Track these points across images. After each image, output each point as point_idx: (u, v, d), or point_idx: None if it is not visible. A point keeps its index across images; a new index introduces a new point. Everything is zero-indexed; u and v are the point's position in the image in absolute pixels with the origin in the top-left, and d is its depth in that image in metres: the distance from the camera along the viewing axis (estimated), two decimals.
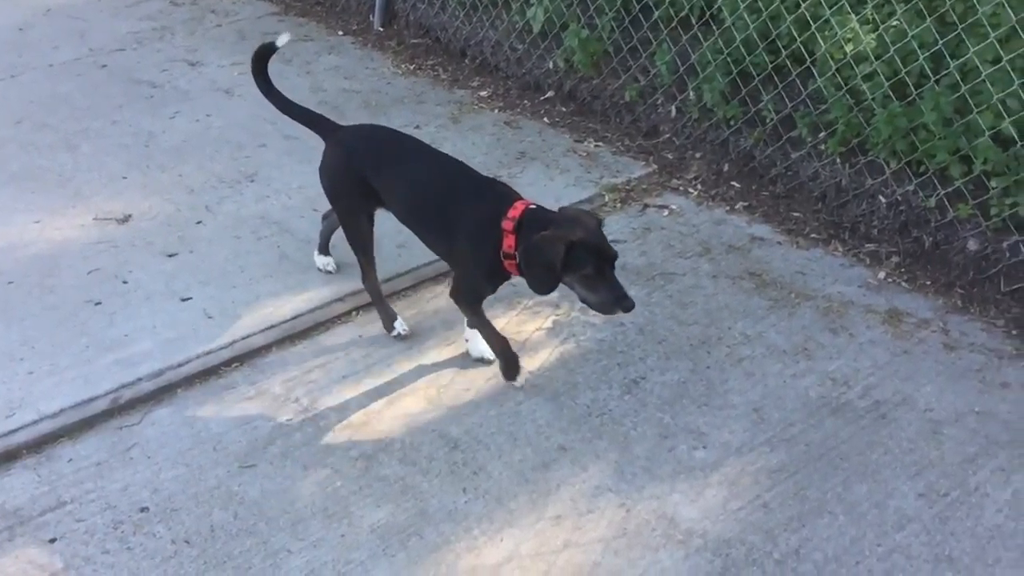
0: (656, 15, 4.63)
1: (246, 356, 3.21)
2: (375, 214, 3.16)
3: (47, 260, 3.67)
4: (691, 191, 4.24)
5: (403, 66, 5.51)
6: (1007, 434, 2.92)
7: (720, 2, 4.40)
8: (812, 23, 3.99)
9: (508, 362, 3.05)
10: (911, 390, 3.09)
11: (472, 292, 2.99)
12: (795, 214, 4.05)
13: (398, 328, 3.28)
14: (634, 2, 4.73)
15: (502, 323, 3.19)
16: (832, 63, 3.95)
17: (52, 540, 2.54)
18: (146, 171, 4.33)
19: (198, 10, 6.25)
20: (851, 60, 3.89)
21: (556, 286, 2.71)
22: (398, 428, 2.93)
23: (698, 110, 4.50)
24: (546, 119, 4.89)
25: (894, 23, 3.79)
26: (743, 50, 4.25)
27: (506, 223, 2.73)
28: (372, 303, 3.34)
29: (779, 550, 2.54)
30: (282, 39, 3.26)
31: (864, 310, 3.46)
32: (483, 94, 5.17)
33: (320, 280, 3.57)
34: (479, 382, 3.11)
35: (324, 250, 3.60)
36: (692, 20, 4.51)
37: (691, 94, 4.51)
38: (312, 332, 3.34)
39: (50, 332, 3.28)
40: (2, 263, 3.64)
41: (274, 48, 3.27)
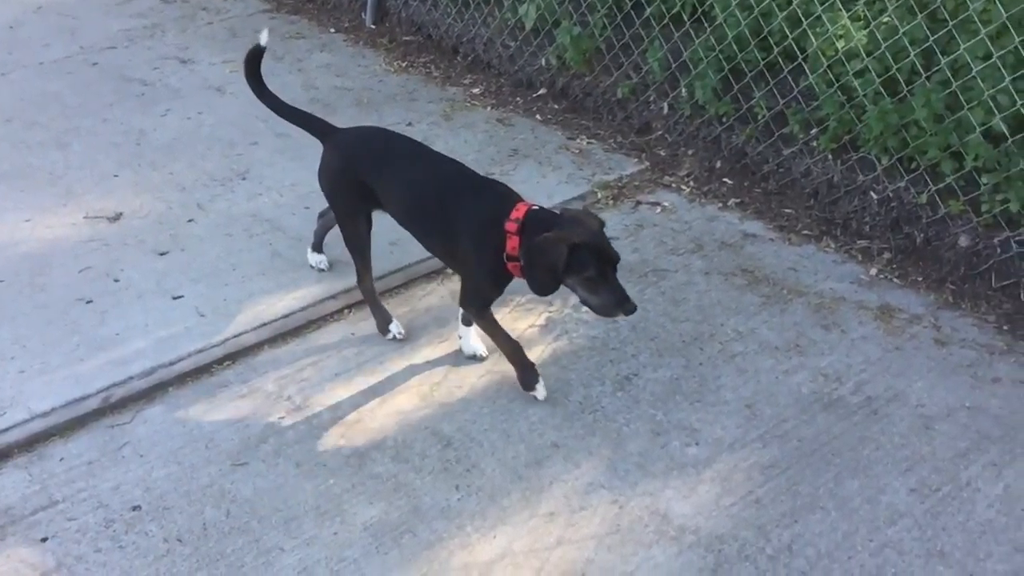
0: (648, 12, 4.62)
1: (238, 354, 3.20)
2: (373, 216, 3.14)
3: (38, 259, 3.65)
4: (683, 188, 4.24)
5: (395, 63, 5.50)
6: (998, 429, 2.93)
7: None
8: (803, 20, 3.99)
9: (525, 370, 2.98)
10: (903, 386, 3.10)
11: (479, 296, 2.94)
12: (787, 211, 4.06)
13: (393, 331, 3.27)
14: None
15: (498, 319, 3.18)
16: (824, 60, 3.96)
17: (44, 539, 2.53)
18: (137, 169, 4.32)
19: (189, 8, 6.22)
20: (842, 57, 3.89)
21: (557, 288, 2.69)
22: (391, 426, 2.92)
23: (690, 107, 4.50)
24: (538, 116, 4.89)
25: (885, 20, 3.80)
26: (735, 47, 4.26)
27: (509, 224, 2.71)
28: (366, 304, 3.33)
29: (772, 546, 2.54)
30: (263, 37, 3.22)
31: (856, 306, 3.47)
32: (475, 91, 5.17)
33: (312, 278, 3.56)
34: (471, 379, 3.11)
35: (318, 248, 3.59)
36: (684, 17, 4.52)
37: (683, 91, 4.51)
38: (304, 330, 3.33)
39: (41, 331, 3.27)
40: None
41: (261, 49, 3.23)
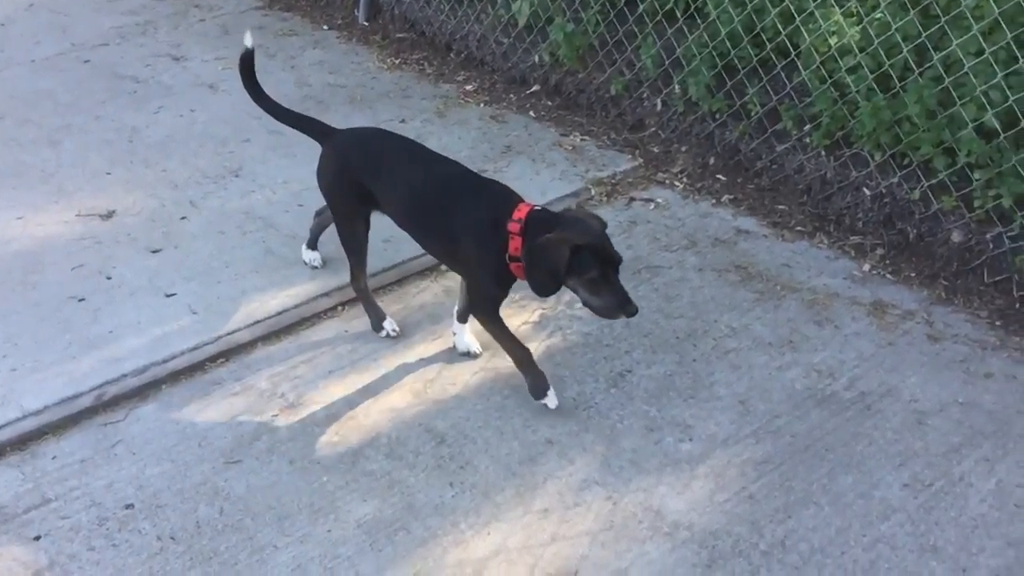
0: (641, 8, 4.62)
1: (231, 352, 3.19)
2: (371, 218, 3.12)
3: (30, 256, 3.64)
4: (677, 184, 4.25)
5: (388, 60, 5.49)
6: (991, 424, 2.93)
7: None
8: (796, 16, 3.99)
9: (535, 379, 2.94)
10: (896, 381, 3.11)
11: (486, 300, 2.91)
12: (780, 207, 4.06)
13: (387, 329, 3.26)
14: None
15: None
16: (816, 56, 3.96)
17: (36, 538, 2.53)
18: (130, 166, 4.30)
19: (181, 4, 6.21)
20: (835, 53, 3.89)
21: (559, 289, 2.68)
22: (384, 423, 2.92)
23: (683, 103, 4.50)
24: (532, 113, 4.89)
25: (878, 16, 3.80)
26: (728, 43, 4.26)
27: (512, 225, 2.69)
28: (360, 302, 3.33)
29: (765, 541, 2.55)
30: (247, 39, 3.19)
31: (849, 302, 3.48)
32: (469, 88, 5.16)
33: (306, 275, 3.56)
34: (465, 376, 3.11)
35: (313, 245, 3.59)
36: (677, 13, 4.51)
37: (676, 87, 4.51)
38: (298, 327, 3.33)
39: (33, 329, 3.26)
40: None
41: (250, 52, 3.19)
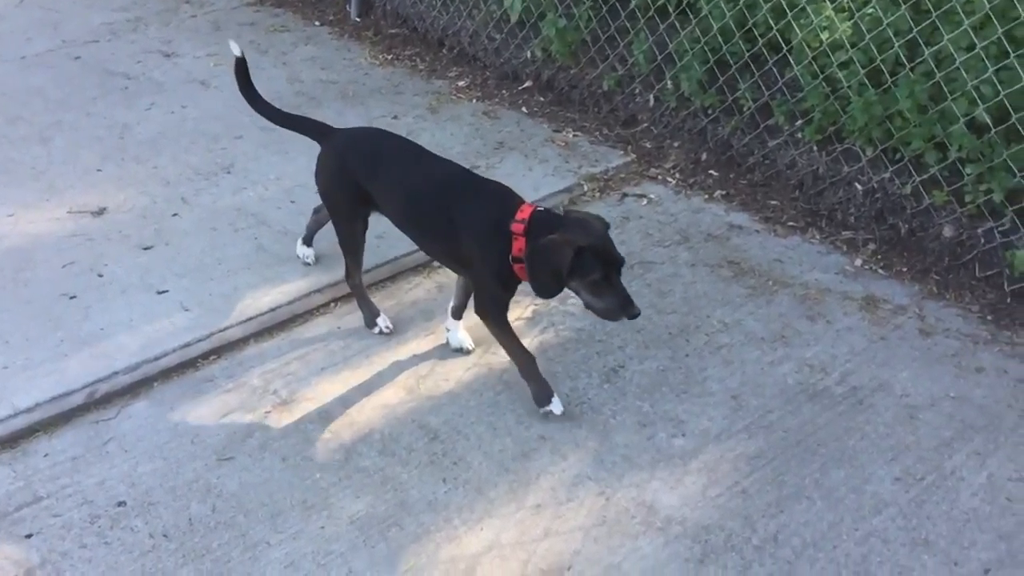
0: (633, 4, 4.62)
1: (224, 349, 3.19)
2: (370, 218, 3.11)
3: (21, 254, 3.63)
4: (669, 180, 4.25)
5: (380, 56, 5.48)
6: (982, 418, 2.94)
7: None
8: (788, 11, 3.99)
9: (539, 385, 2.92)
10: (888, 376, 3.11)
11: (493, 303, 2.89)
12: (772, 202, 4.07)
13: (381, 325, 3.26)
14: None
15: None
16: (808, 51, 3.96)
17: (28, 536, 2.52)
18: (121, 163, 4.29)
19: (172, 1, 6.20)
20: (827, 48, 3.90)
21: (561, 291, 2.66)
22: (377, 419, 2.92)
23: (676, 99, 4.50)
24: (524, 109, 4.89)
25: (869, 11, 3.80)
26: (720, 39, 4.26)
27: (515, 226, 2.67)
28: (354, 298, 3.32)
29: (758, 536, 2.55)
30: (235, 48, 3.17)
31: (841, 297, 3.48)
32: (461, 84, 5.16)
33: (298, 272, 3.55)
34: (458, 373, 3.11)
35: (308, 242, 3.58)
36: (669, 9, 4.51)
37: (669, 83, 4.51)
38: (290, 324, 3.32)
39: (24, 326, 3.25)
40: None
41: (241, 60, 3.17)
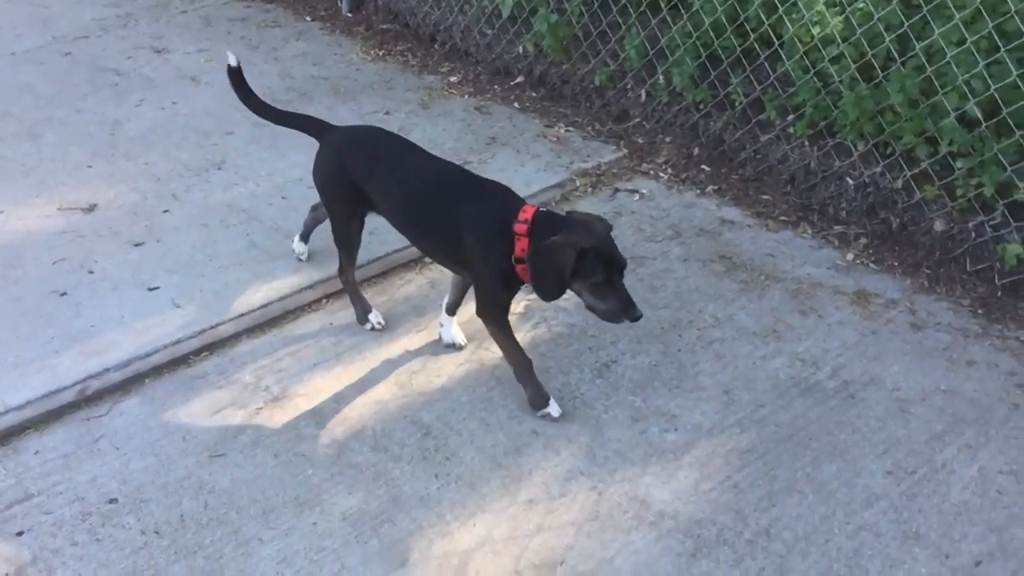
0: None
1: (215, 345, 3.18)
2: (367, 218, 3.09)
3: (11, 251, 3.61)
4: (661, 175, 4.25)
5: (372, 52, 5.47)
6: (973, 412, 2.95)
7: None
8: (780, 6, 4.00)
9: (535, 390, 2.91)
10: (879, 370, 3.12)
11: (494, 303, 2.87)
12: (764, 197, 4.07)
13: (372, 321, 3.26)
14: None
15: (471, 307, 3.17)
16: (800, 46, 3.96)
17: (19, 533, 2.51)
18: (112, 160, 4.27)
19: None
20: (818, 43, 3.90)
21: (564, 293, 2.64)
22: (369, 415, 2.92)
23: (668, 94, 4.50)
24: (516, 104, 4.88)
25: (860, 5, 3.81)
26: (712, 33, 4.26)
27: (518, 226, 2.65)
28: (346, 294, 3.32)
29: (750, 530, 2.56)
30: (231, 59, 3.15)
31: (833, 291, 3.49)
32: (453, 80, 5.15)
33: (290, 268, 3.54)
34: (450, 368, 3.11)
35: (305, 239, 3.55)
36: (661, 4, 4.51)
37: (660, 78, 4.51)
38: (282, 320, 3.31)
39: (15, 323, 3.23)
40: None
41: (236, 69, 3.16)
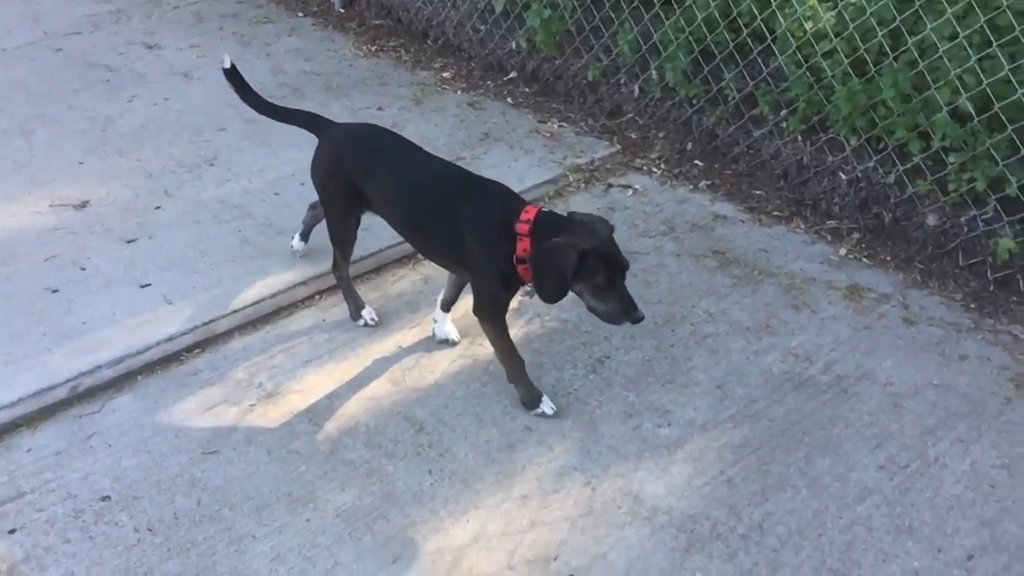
0: None
1: (208, 342, 3.17)
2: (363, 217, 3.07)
3: (3, 248, 3.60)
4: (654, 170, 4.25)
5: (364, 47, 5.46)
6: (966, 406, 2.96)
7: None
8: (772, 1, 3.99)
9: (527, 389, 2.91)
10: (872, 364, 3.13)
11: (494, 304, 2.85)
12: (757, 192, 4.07)
13: (366, 317, 3.25)
14: None
15: (465, 305, 3.17)
16: (792, 41, 3.96)
17: (12, 531, 2.50)
18: (103, 156, 4.26)
19: None
20: (811, 38, 3.90)
21: (566, 295, 2.62)
22: (363, 411, 2.91)
23: (661, 89, 4.50)
24: (509, 100, 4.88)
25: (853, 0, 3.81)
26: (704, 29, 4.26)
27: (520, 226, 2.64)
28: (339, 290, 3.31)
29: (743, 524, 2.56)
30: (226, 62, 3.13)
31: (826, 286, 3.49)
32: (446, 75, 5.14)
33: (283, 264, 3.54)
34: (444, 364, 3.11)
35: (305, 238, 3.53)
36: None
37: (653, 73, 4.51)
38: (275, 317, 3.31)
39: (6, 321, 3.22)
40: None
41: (232, 70, 3.13)
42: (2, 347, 3.11)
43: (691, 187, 4.12)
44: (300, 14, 5.93)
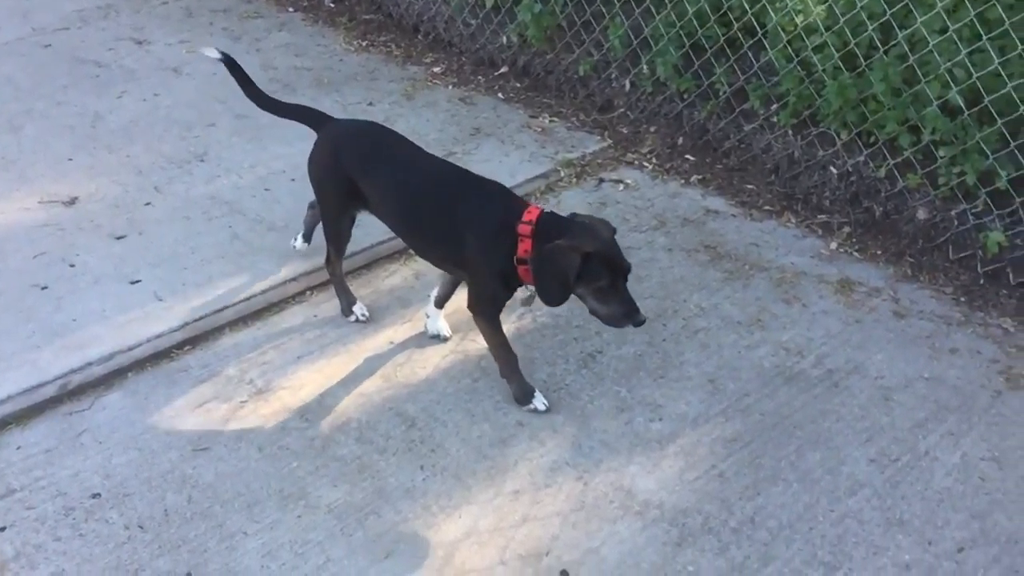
0: None
1: (198, 338, 3.16)
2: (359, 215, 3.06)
3: None
4: (646, 165, 4.25)
5: (355, 42, 5.44)
6: (956, 399, 2.97)
7: None
8: None
9: (520, 385, 2.91)
10: (863, 358, 3.13)
11: (490, 302, 2.84)
12: (748, 186, 4.08)
13: (357, 313, 3.25)
14: None
15: (457, 299, 3.17)
16: (783, 35, 3.97)
17: (2, 529, 2.49)
18: (93, 152, 4.24)
19: None
20: (802, 32, 3.90)
21: (568, 297, 2.62)
22: (354, 407, 2.91)
23: (652, 84, 4.50)
24: (500, 95, 4.87)
25: None
26: (695, 23, 4.25)
27: (523, 227, 2.63)
28: (330, 285, 3.31)
29: (735, 518, 2.57)
30: (214, 53, 3.12)
31: (817, 280, 3.50)
32: (437, 70, 5.13)
33: (273, 260, 3.52)
34: (435, 360, 3.10)
35: (308, 239, 3.49)
36: None
37: (644, 68, 4.51)
38: (266, 313, 3.30)
39: None
40: None
41: (232, 63, 3.11)
42: None
43: (682, 181, 4.12)
44: (290, 9, 5.91)
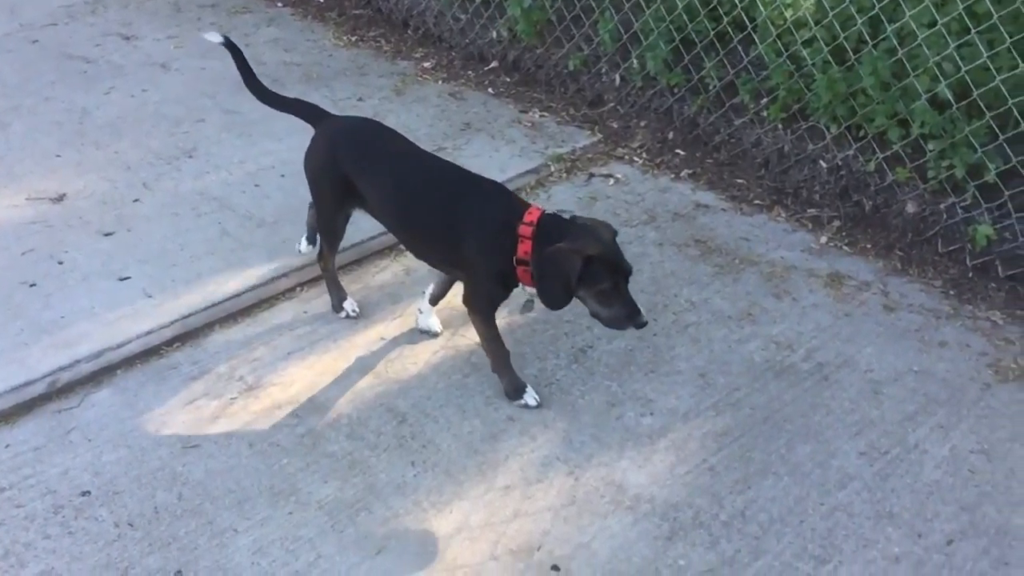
0: None
1: (188, 335, 3.15)
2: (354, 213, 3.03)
3: None
4: (636, 160, 4.25)
5: (344, 37, 5.42)
6: (945, 392, 2.98)
7: None
8: None
9: (511, 380, 2.90)
10: (852, 351, 3.14)
11: (486, 300, 2.83)
12: (739, 181, 4.08)
13: (348, 309, 3.24)
14: None
15: (448, 295, 3.16)
16: (773, 29, 3.97)
17: None
18: (81, 148, 4.22)
19: None
20: (791, 26, 3.91)
21: (570, 300, 2.61)
22: (345, 404, 2.90)
23: (642, 78, 4.50)
24: (490, 90, 4.86)
25: None
26: (685, 17, 4.25)
27: (523, 228, 2.62)
28: (321, 281, 3.29)
29: (725, 512, 2.57)
30: (214, 37, 3.11)
31: (806, 274, 3.51)
32: (426, 65, 5.12)
33: (263, 256, 3.51)
34: (426, 355, 3.10)
35: (312, 241, 3.42)
36: None
37: (634, 62, 4.51)
38: (256, 309, 3.29)
39: None
40: None
41: (237, 54, 3.11)
42: None
43: (672, 176, 4.12)
44: (279, 4, 5.89)
